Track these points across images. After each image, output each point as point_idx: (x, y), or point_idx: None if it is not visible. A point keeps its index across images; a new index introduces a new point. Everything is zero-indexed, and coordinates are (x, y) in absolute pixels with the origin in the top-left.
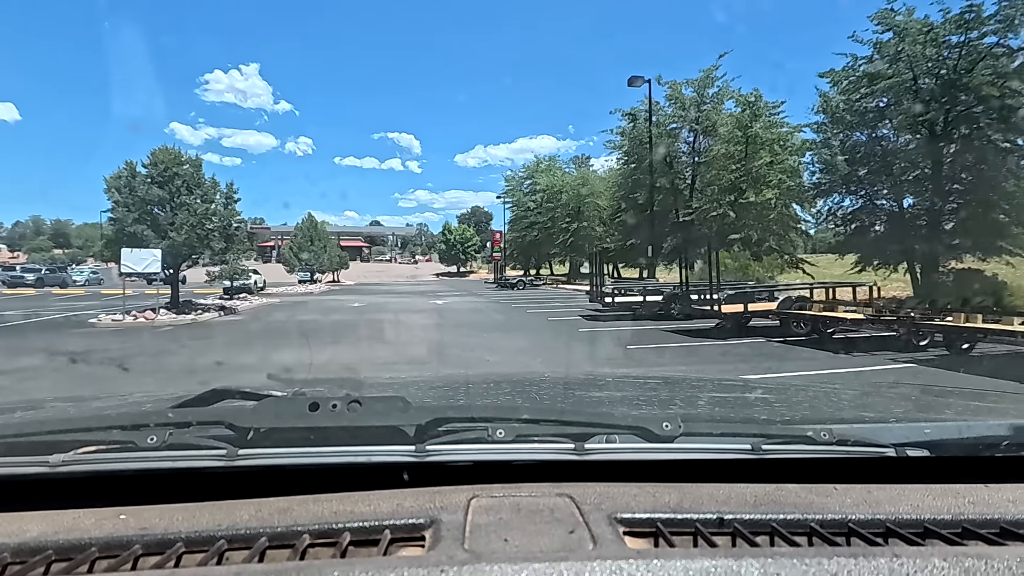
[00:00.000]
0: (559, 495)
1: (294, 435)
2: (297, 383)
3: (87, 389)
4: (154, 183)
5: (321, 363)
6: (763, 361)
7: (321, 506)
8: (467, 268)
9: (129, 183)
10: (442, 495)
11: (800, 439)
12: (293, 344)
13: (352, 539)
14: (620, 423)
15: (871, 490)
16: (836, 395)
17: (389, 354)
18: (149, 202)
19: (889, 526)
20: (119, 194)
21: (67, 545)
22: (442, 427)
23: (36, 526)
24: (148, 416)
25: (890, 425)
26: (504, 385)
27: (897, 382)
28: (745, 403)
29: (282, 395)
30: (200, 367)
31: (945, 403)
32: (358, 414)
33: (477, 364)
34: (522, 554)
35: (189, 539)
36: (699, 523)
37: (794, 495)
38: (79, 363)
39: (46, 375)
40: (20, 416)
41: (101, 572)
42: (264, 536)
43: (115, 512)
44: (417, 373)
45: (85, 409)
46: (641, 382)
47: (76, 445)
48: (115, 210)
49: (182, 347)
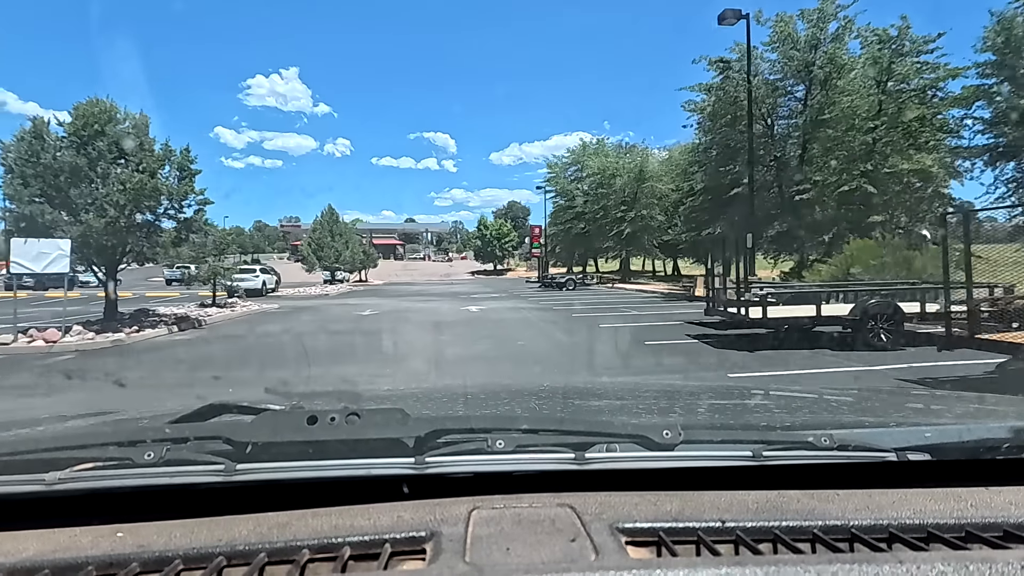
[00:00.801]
0: (560, 505)
1: (292, 449)
2: (295, 396)
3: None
4: (71, 147)
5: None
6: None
7: (320, 520)
8: (504, 266)
9: (32, 147)
10: (442, 507)
11: (801, 445)
12: (231, 383)
13: (352, 553)
14: (620, 432)
15: (873, 495)
16: (836, 400)
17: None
18: (60, 172)
19: (892, 531)
20: (17, 163)
21: (64, 564)
22: (441, 438)
23: (33, 545)
24: (145, 432)
25: (890, 429)
26: (503, 395)
27: (898, 387)
28: (745, 410)
29: (280, 409)
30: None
31: (945, 406)
32: (356, 427)
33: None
34: (524, 565)
35: (187, 556)
36: (701, 531)
37: (796, 501)
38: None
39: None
40: (15, 434)
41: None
42: (263, 552)
43: (112, 530)
44: (415, 384)
45: (81, 426)
46: (640, 390)
47: (72, 462)
48: (7, 183)
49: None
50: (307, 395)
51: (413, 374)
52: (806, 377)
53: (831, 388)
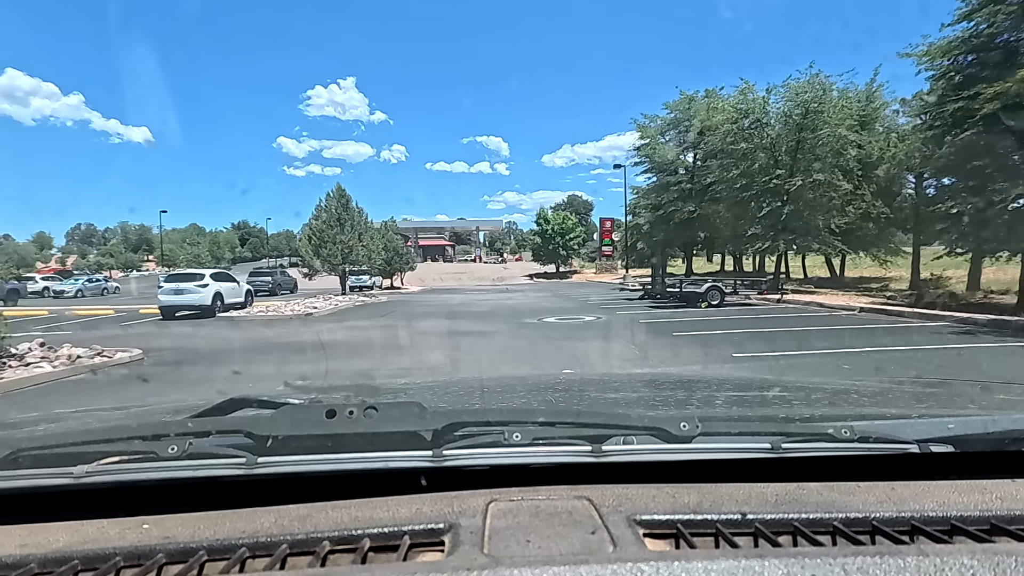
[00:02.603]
0: (577, 497)
1: (312, 442)
2: (313, 390)
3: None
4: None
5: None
6: None
7: (340, 512)
8: (567, 267)
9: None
10: (460, 499)
11: (821, 437)
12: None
13: (372, 545)
14: (637, 424)
15: (895, 487)
16: (856, 391)
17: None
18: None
19: (915, 524)
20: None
21: (93, 555)
22: (458, 431)
23: (63, 536)
24: (168, 426)
25: (912, 421)
26: (519, 388)
27: (919, 377)
28: (763, 401)
29: (299, 403)
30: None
31: (969, 397)
32: (374, 420)
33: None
34: (542, 557)
35: (211, 547)
36: (720, 524)
37: (816, 494)
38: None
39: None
40: (44, 429)
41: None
42: (285, 543)
43: (138, 521)
44: (432, 378)
45: (107, 420)
46: (657, 382)
47: (99, 456)
48: None
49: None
50: (325, 389)
51: None
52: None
53: (852, 380)
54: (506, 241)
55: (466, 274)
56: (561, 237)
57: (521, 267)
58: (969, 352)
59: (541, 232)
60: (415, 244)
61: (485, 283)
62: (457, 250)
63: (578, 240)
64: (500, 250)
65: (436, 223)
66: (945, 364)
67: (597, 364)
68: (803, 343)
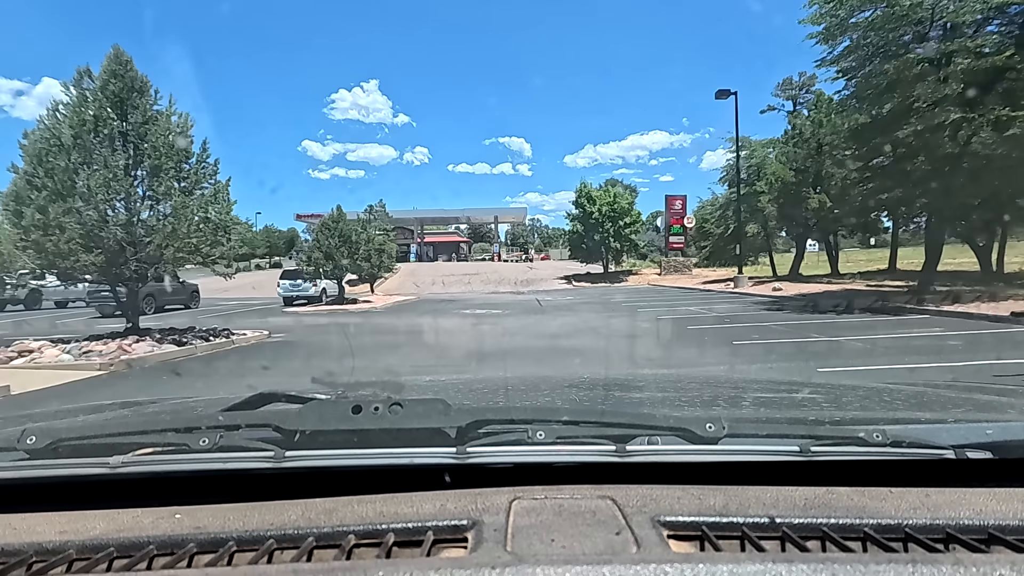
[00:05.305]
0: (601, 497)
1: (338, 437)
2: (340, 386)
3: None
4: None
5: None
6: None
7: (365, 507)
8: (618, 266)
9: None
10: (483, 496)
11: (852, 440)
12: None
13: (396, 540)
14: (662, 424)
15: (929, 494)
16: (889, 394)
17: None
18: None
19: (949, 531)
20: None
21: (128, 543)
22: (482, 429)
23: (100, 524)
24: (200, 419)
25: (948, 425)
26: (543, 387)
27: (955, 380)
28: (792, 403)
29: (326, 398)
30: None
31: (1008, 402)
32: (399, 416)
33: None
34: (565, 556)
35: (240, 538)
36: (746, 527)
37: (846, 498)
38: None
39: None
40: (83, 420)
41: (159, 569)
42: (311, 536)
43: (171, 511)
44: (456, 375)
45: (142, 412)
46: (683, 382)
47: (134, 447)
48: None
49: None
50: (352, 385)
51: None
52: None
53: (885, 382)
54: (530, 239)
55: (478, 275)
56: (612, 223)
57: (551, 267)
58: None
59: (582, 216)
60: (420, 239)
61: (503, 288)
62: (474, 248)
63: (636, 227)
64: (524, 246)
65: (445, 212)
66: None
67: None
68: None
